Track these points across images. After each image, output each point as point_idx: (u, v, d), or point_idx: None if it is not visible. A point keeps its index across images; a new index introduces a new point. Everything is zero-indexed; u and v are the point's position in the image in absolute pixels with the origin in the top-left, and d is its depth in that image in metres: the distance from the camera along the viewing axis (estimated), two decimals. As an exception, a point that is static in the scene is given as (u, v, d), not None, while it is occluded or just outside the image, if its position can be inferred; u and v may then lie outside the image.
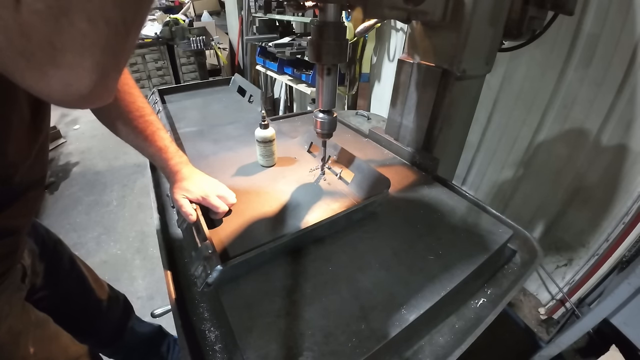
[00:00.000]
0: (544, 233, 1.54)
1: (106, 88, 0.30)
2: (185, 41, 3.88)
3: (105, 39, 0.27)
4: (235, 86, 1.60)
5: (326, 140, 0.78)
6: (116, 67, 0.31)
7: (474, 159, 1.78)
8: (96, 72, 0.28)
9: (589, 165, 1.32)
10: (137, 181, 2.69)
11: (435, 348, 0.55)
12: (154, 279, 1.81)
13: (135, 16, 0.29)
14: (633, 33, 1.10)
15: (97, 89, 0.29)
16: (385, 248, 0.65)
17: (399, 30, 1.96)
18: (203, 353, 0.52)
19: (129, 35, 0.29)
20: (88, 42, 0.26)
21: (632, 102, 1.15)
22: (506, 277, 0.68)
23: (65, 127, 3.56)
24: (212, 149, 1.02)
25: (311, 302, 0.54)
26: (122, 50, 0.29)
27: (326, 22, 0.57)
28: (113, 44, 0.28)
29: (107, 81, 0.30)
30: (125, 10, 0.27)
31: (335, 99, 0.69)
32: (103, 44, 0.27)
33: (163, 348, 1.18)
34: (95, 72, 0.28)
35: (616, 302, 1.01)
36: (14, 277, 0.61)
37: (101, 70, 0.28)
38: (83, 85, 0.28)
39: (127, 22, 0.28)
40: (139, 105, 0.66)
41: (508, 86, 1.50)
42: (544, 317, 1.53)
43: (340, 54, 0.59)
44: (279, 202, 0.76)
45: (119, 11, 0.27)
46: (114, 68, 0.30)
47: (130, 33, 0.29)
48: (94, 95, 0.30)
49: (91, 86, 0.28)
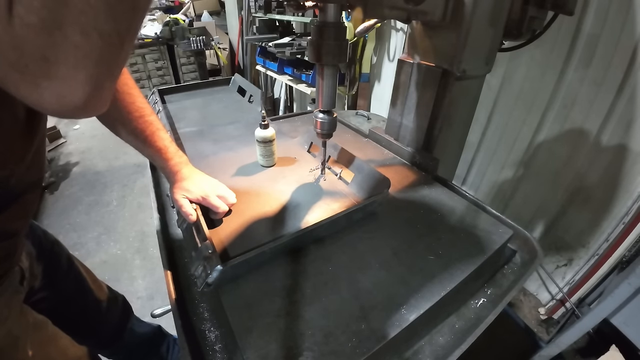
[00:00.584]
0: (544, 233, 1.54)
1: (100, 99, 0.31)
2: (185, 41, 3.88)
3: (98, 51, 0.27)
4: (235, 86, 1.60)
5: (326, 141, 0.78)
6: (110, 77, 0.31)
7: (474, 159, 1.78)
8: (90, 84, 0.28)
9: (589, 165, 1.32)
10: (137, 181, 2.69)
11: (435, 348, 0.55)
12: (154, 279, 1.81)
13: (129, 27, 0.29)
14: (633, 33, 1.10)
15: (91, 100, 0.29)
16: (385, 248, 0.65)
17: (399, 30, 1.96)
18: (203, 353, 0.52)
19: (122, 46, 0.29)
20: (81, 55, 0.26)
21: (632, 102, 1.15)
22: (506, 277, 0.68)
23: (65, 127, 3.56)
24: (212, 149, 1.02)
25: (311, 302, 0.54)
26: (115, 61, 0.30)
27: (326, 22, 0.57)
28: (107, 55, 0.28)
29: (101, 92, 0.30)
30: (119, 22, 0.27)
31: (336, 100, 0.69)
32: (97, 56, 0.27)
33: (163, 348, 1.18)
34: (89, 84, 0.28)
35: (616, 302, 1.01)
36: (12, 280, 0.61)
37: (95, 82, 0.28)
38: (77, 97, 0.28)
39: (121, 33, 0.28)
40: (138, 106, 0.65)
41: (508, 86, 1.50)
42: (544, 317, 1.53)
43: (340, 54, 0.59)
44: (279, 202, 0.76)
45: (113, 23, 0.26)
46: (107, 79, 0.30)
47: (124, 44, 0.29)
48: (88, 106, 0.30)
49: (85, 98, 0.28)
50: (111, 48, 0.28)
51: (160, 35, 3.93)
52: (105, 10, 0.25)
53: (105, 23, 0.26)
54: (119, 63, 0.31)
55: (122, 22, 0.27)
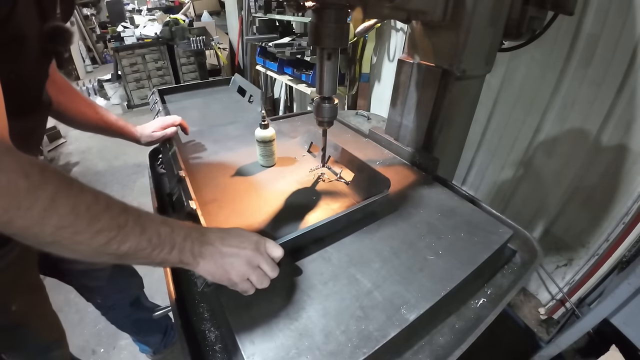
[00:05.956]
0: (544, 233, 1.54)
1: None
2: (185, 41, 3.89)
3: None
4: (235, 86, 1.60)
5: (326, 129, 0.76)
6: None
7: (474, 159, 1.78)
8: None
9: (589, 165, 1.32)
10: (137, 181, 2.69)
11: (435, 348, 0.55)
12: (154, 279, 1.80)
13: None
14: (633, 33, 1.09)
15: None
16: (385, 248, 0.65)
17: (399, 30, 1.96)
18: (203, 353, 0.52)
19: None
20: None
21: (632, 102, 1.15)
22: (506, 277, 0.68)
23: (65, 127, 3.55)
24: (212, 148, 1.02)
25: (311, 302, 0.54)
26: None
27: (326, 3, 0.55)
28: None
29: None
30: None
31: (336, 86, 0.67)
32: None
33: (164, 325, 1.35)
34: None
35: (616, 302, 1.01)
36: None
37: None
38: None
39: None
40: (79, 101, 0.83)
41: (508, 86, 1.50)
42: (544, 317, 1.53)
43: (341, 37, 0.58)
44: (279, 202, 0.76)
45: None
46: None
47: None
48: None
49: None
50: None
51: (160, 35, 3.93)
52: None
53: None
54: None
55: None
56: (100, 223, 0.38)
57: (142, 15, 4.96)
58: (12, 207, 0.33)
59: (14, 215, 0.34)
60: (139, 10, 5.58)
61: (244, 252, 0.49)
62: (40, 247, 0.37)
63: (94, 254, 0.40)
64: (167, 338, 1.35)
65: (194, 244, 0.47)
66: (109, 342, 1.48)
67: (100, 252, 0.39)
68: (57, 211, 0.36)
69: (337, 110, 0.71)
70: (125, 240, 0.40)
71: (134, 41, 3.88)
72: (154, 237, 0.43)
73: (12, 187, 0.33)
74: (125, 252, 0.40)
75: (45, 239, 0.36)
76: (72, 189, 0.38)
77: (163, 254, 0.43)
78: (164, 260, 0.44)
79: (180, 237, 0.45)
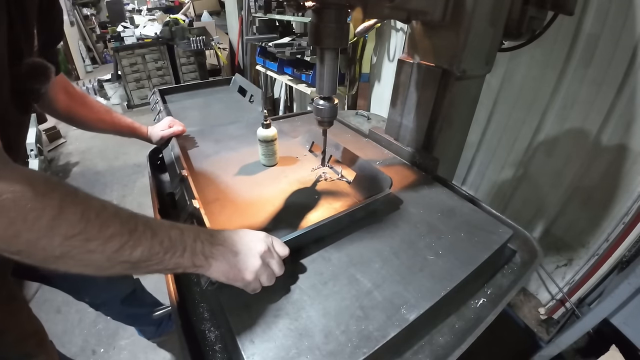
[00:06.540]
0: (544, 233, 1.54)
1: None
2: (185, 41, 3.89)
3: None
4: (236, 86, 1.60)
5: (326, 129, 0.76)
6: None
7: (474, 159, 1.78)
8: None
9: (589, 165, 1.32)
10: (137, 181, 2.69)
11: (435, 348, 0.55)
12: (154, 279, 1.81)
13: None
14: (633, 33, 1.09)
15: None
16: (385, 248, 0.65)
17: (399, 30, 1.96)
18: (203, 353, 0.52)
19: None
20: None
21: (632, 102, 1.15)
22: (506, 277, 0.68)
23: (66, 127, 3.56)
24: (214, 148, 1.02)
25: (311, 302, 0.54)
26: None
27: (327, 2, 0.55)
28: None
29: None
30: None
31: (336, 86, 0.67)
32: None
33: (158, 319, 1.36)
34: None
35: (616, 302, 1.01)
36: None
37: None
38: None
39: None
40: (99, 108, 0.92)
41: (508, 86, 1.50)
42: (544, 317, 1.53)
43: (341, 37, 0.58)
44: (281, 201, 0.76)
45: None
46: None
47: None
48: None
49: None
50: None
51: (160, 35, 3.93)
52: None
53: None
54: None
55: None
56: (111, 229, 0.37)
57: (142, 15, 4.97)
58: (18, 219, 0.31)
59: (20, 229, 0.32)
60: (139, 10, 5.58)
61: (256, 250, 0.49)
62: (46, 264, 0.35)
63: (106, 263, 0.38)
64: (161, 328, 1.39)
65: (205, 245, 0.46)
66: (109, 342, 1.48)
67: (113, 260, 0.38)
68: (66, 219, 0.34)
69: (337, 110, 0.71)
70: (138, 244, 0.39)
71: (134, 41, 3.88)
72: (165, 239, 0.42)
73: (18, 197, 0.31)
74: (138, 258, 0.39)
75: (54, 252, 0.34)
76: (79, 196, 0.37)
77: (176, 257, 0.43)
78: (177, 264, 0.43)
79: (190, 239, 0.45)
